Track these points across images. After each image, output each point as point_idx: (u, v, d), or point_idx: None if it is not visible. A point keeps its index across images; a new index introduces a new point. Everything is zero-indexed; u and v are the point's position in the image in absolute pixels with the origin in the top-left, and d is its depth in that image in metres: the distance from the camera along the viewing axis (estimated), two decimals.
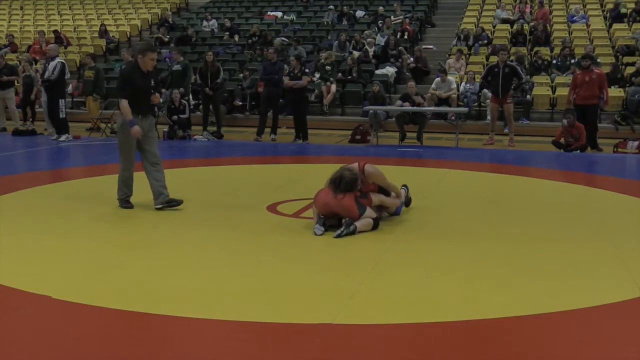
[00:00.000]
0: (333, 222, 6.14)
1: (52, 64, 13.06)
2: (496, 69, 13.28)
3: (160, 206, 6.76)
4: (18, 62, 19.22)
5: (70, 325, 3.91)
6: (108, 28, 23.10)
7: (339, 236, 5.83)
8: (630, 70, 16.52)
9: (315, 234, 5.95)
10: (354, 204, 6.12)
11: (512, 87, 13.41)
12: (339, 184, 6.11)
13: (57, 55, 13.58)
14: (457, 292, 4.52)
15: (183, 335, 3.77)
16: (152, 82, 6.94)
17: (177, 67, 14.23)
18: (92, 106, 15.30)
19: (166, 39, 21.21)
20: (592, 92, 12.84)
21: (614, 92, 15.31)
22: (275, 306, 4.21)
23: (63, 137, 13.26)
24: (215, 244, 5.80)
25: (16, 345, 3.62)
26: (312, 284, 4.65)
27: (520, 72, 13.75)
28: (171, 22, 23.21)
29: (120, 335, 3.77)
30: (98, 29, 23.03)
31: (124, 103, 6.71)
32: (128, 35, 23.34)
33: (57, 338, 3.73)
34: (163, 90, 13.37)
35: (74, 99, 18.17)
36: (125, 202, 6.93)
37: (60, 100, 13.26)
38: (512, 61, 14.25)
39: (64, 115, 13.38)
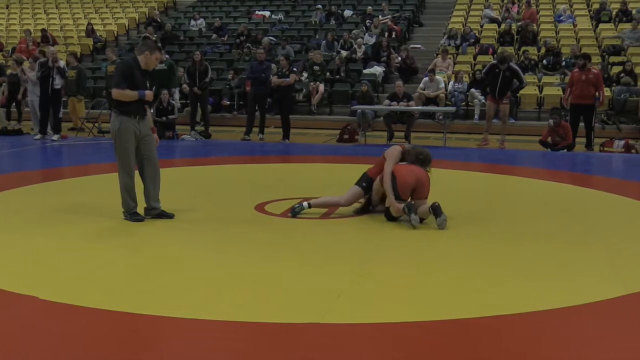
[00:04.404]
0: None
1: (61, 63, 13.45)
2: (497, 70, 12.84)
3: (149, 217, 6.51)
4: (4, 62, 19.10)
5: (57, 325, 3.88)
6: (95, 27, 22.99)
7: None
8: (616, 69, 16.62)
9: (415, 227, 6.16)
10: None
11: (511, 90, 13.20)
12: (425, 159, 6.63)
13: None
14: (446, 291, 4.52)
15: (170, 335, 3.75)
16: (148, 84, 6.45)
17: (161, 66, 14.18)
18: (78, 107, 15.23)
19: (153, 38, 21.13)
20: (587, 91, 12.64)
21: None
22: (262, 306, 4.20)
23: (55, 137, 13.38)
24: (202, 243, 5.78)
25: (2, 346, 3.60)
26: (300, 284, 4.65)
27: (522, 75, 13.50)
28: (159, 21, 23.14)
29: (108, 335, 3.75)
30: (85, 28, 22.92)
31: (126, 92, 6.23)
32: (115, 35, 23.26)
33: (43, 339, 3.70)
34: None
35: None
36: (133, 214, 6.41)
37: (61, 99, 13.62)
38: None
39: (61, 114, 13.65)
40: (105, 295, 4.32)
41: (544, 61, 17.66)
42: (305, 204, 6.75)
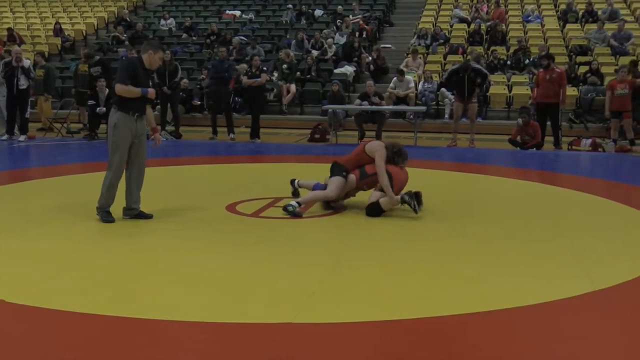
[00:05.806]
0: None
1: (27, 63, 13.46)
2: (460, 74, 12.97)
3: (127, 217, 6.49)
4: None
5: (23, 329, 3.82)
6: (63, 26, 22.71)
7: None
8: (583, 69, 16.84)
9: (417, 214, 6.61)
10: None
11: (477, 85, 13.27)
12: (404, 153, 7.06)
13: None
14: (418, 289, 4.55)
15: (141, 337, 3.73)
16: (151, 83, 6.48)
17: None
18: (44, 106, 15.08)
19: (123, 38, 20.96)
20: (552, 90, 12.83)
21: (568, 90, 15.56)
22: (234, 306, 4.19)
23: (22, 138, 13.33)
24: (174, 244, 5.74)
25: None
26: (272, 284, 4.64)
27: (484, 70, 13.68)
28: (129, 20, 22.93)
29: (77, 338, 3.70)
30: (53, 27, 22.62)
31: (130, 88, 6.23)
32: (84, 34, 22.99)
33: (9, 343, 3.65)
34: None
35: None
36: (106, 214, 6.35)
37: (28, 100, 13.66)
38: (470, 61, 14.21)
39: (28, 115, 13.67)
40: (74, 298, 4.26)
41: (508, 61, 17.87)
42: (294, 202, 6.82)
